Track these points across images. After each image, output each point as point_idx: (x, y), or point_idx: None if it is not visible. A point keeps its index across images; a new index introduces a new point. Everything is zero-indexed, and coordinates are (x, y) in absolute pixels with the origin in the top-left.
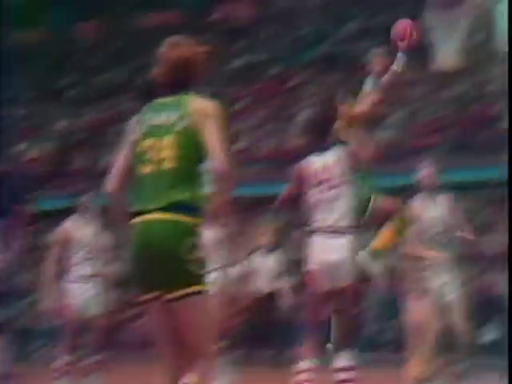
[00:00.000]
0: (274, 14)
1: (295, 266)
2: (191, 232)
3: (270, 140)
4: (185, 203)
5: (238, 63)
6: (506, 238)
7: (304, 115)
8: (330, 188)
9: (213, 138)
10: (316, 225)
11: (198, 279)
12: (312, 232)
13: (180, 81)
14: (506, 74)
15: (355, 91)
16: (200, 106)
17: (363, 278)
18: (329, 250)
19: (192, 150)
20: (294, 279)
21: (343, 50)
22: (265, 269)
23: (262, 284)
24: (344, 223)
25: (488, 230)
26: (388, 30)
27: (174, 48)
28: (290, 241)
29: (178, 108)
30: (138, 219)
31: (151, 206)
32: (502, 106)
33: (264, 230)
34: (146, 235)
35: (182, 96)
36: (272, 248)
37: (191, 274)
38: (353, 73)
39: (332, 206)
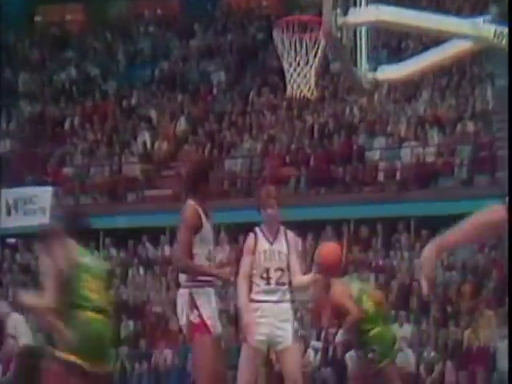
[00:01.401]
0: (106, 22)
1: (135, 308)
2: None
3: (102, 167)
4: None
5: (65, 76)
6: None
7: (141, 140)
8: None
9: None
10: None
11: None
12: None
13: None
14: (368, 105)
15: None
16: None
17: None
18: None
19: None
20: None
21: (184, 69)
22: None
23: None
24: None
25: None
26: (235, 50)
27: None
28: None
29: None
30: None
31: None
32: (366, 138)
33: None
34: None
35: None
36: None
37: None
38: (195, 96)
39: None
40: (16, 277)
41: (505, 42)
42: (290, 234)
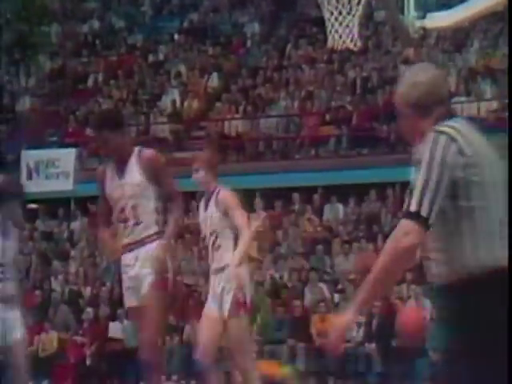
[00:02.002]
0: None
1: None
2: None
3: (128, 127)
4: None
5: (87, 28)
6: None
7: (170, 98)
8: None
9: None
10: None
11: None
12: None
13: None
14: (415, 56)
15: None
16: None
17: None
18: None
19: None
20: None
21: (215, 20)
22: None
23: None
24: None
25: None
26: (266, 1)
27: None
28: None
29: None
30: None
31: None
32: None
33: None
34: None
35: None
36: None
37: None
38: (227, 49)
39: None
40: (38, 245)
41: None
42: (222, 192)
